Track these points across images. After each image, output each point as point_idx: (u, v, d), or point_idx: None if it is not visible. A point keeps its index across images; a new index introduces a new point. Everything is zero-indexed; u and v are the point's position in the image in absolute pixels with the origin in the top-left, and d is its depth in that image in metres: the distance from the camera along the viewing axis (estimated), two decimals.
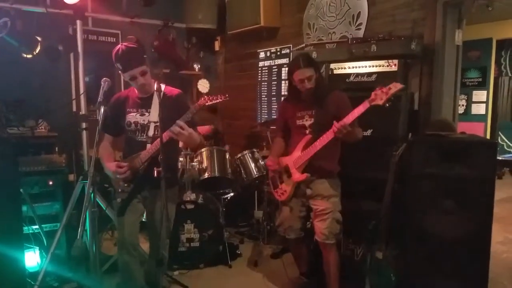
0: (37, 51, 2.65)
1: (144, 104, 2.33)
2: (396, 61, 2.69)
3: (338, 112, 2.39)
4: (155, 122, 2.26)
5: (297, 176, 2.52)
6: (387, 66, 2.72)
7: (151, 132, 2.28)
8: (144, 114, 2.31)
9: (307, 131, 2.53)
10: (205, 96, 2.17)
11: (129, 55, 2.18)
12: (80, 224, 1.76)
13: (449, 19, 2.79)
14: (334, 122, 2.27)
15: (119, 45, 2.23)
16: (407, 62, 2.81)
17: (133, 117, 2.33)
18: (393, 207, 2.37)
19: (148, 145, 2.25)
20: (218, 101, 2.14)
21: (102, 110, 1.93)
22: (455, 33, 2.86)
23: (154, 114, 2.26)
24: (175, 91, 2.39)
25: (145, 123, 2.30)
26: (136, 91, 2.37)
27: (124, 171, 2.23)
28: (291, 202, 2.64)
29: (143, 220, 2.60)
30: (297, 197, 2.61)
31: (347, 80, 2.86)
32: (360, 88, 2.74)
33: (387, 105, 2.16)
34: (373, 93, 2.18)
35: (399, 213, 2.36)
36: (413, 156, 2.26)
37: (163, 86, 2.27)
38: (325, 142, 2.37)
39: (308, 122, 2.54)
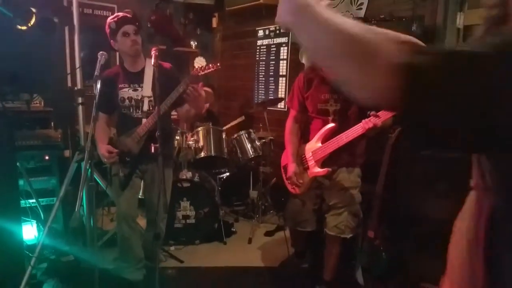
0: (32, 22, 2.58)
1: (136, 78, 2.32)
2: None
3: None
4: (148, 97, 2.27)
5: (317, 171, 2.29)
6: None
7: (145, 107, 2.28)
8: (137, 90, 2.30)
9: (330, 118, 2.27)
10: (197, 67, 2.17)
11: (124, 14, 2.23)
12: (78, 197, 1.77)
13: (451, 2, 2.77)
14: (364, 120, 2.08)
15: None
16: None
17: (125, 92, 2.32)
18: (387, 188, 2.40)
19: (144, 120, 2.26)
20: (210, 70, 2.15)
21: (98, 84, 1.91)
22: (456, 16, 2.84)
23: (147, 89, 2.26)
24: (166, 64, 2.38)
25: (139, 98, 2.30)
26: (127, 65, 2.34)
27: (110, 157, 2.25)
28: (305, 195, 2.44)
29: (140, 196, 2.63)
30: (312, 189, 2.40)
31: None
32: None
33: None
34: None
35: (393, 194, 2.40)
36: (408, 138, 2.28)
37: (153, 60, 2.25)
38: (352, 138, 2.14)
39: (332, 107, 2.26)
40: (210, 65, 2.17)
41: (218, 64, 2.18)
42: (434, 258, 2.20)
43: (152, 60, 1.95)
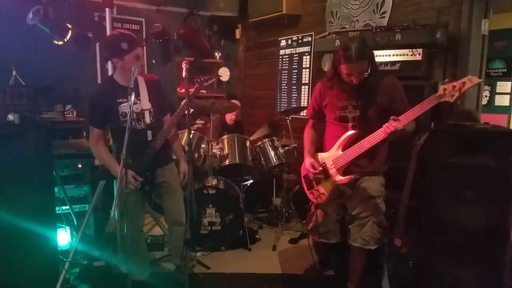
0: (67, 38, 2.73)
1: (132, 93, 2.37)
2: (420, 50, 2.68)
3: (390, 105, 2.13)
4: (148, 109, 2.36)
5: (340, 179, 2.24)
6: (411, 55, 2.71)
7: (147, 120, 2.36)
8: (136, 103, 2.32)
9: (350, 125, 2.24)
10: (198, 78, 2.26)
11: (133, 35, 2.27)
12: (113, 205, 1.85)
13: (475, 8, 2.74)
14: (385, 124, 2.00)
15: (116, 31, 2.32)
16: (432, 51, 2.79)
17: (126, 107, 2.32)
18: (414, 196, 2.38)
19: (148, 132, 2.36)
20: (213, 80, 2.23)
21: (133, 96, 2.00)
22: (481, 23, 2.81)
23: (145, 102, 2.35)
24: (155, 77, 2.48)
25: (139, 111, 2.35)
26: (121, 81, 2.33)
27: (137, 184, 2.32)
28: (327, 206, 2.40)
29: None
30: (334, 199, 2.36)
31: None
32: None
33: (459, 102, 1.87)
34: (441, 88, 1.91)
35: (419, 202, 2.38)
36: (435, 145, 2.26)
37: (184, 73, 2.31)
38: (375, 143, 2.08)
39: (352, 114, 2.22)
40: (209, 76, 2.38)
41: (218, 73, 2.32)
42: (462, 266, 2.18)
43: (184, 73, 2.03)
